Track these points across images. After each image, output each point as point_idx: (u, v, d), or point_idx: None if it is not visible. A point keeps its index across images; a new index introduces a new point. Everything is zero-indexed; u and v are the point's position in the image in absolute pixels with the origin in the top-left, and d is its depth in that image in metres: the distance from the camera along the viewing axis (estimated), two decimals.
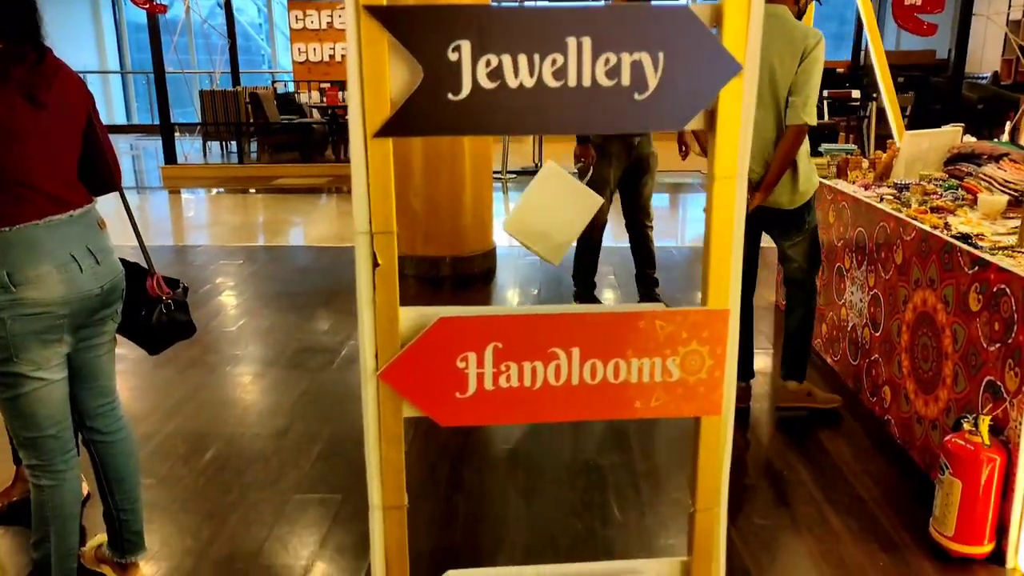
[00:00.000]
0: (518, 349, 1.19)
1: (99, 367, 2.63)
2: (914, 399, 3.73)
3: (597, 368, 1.19)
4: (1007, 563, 3.03)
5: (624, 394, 1.20)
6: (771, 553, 3.12)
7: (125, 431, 2.76)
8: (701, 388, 1.20)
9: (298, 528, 3.26)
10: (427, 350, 1.17)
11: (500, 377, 1.18)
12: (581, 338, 1.18)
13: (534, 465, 3.80)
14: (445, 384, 1.17)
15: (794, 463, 3.80)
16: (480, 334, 1.17)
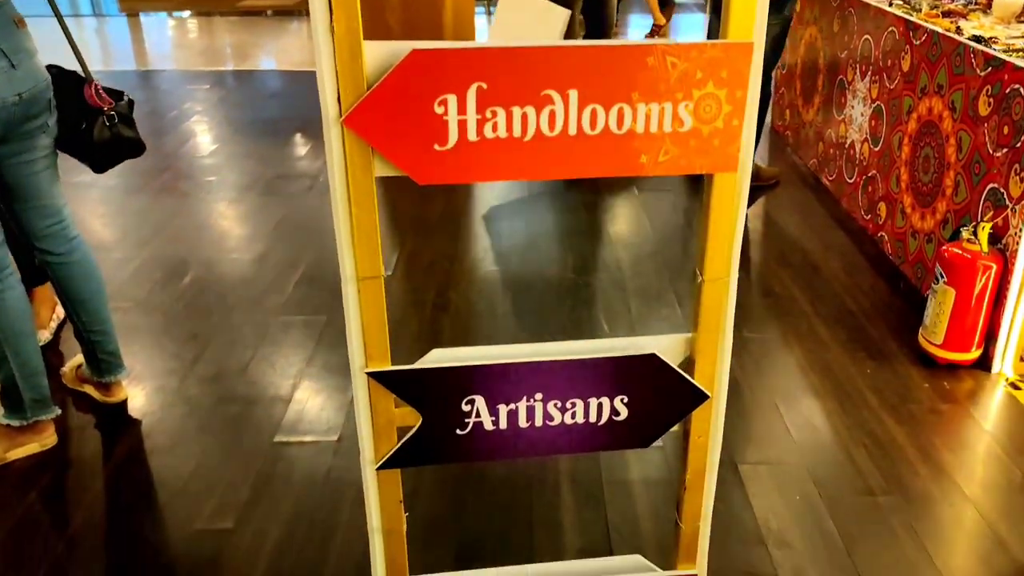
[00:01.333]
0: (506, 90, 1.02)
1: (37, 185, 2.44)
2: (910, 213, 3.62)
3: (598, 115, 1.03)
4: (992, 368, 3.02)
5: (629, 146, 1.04)
6: (759, 364, 3.10)
7: (79, 253, 2.60)
8: (716, 140, 1.04)
9: (283, 348, 3.19)
10: (399, 90, 1.00)
11: (485, 125, 1.02)
12: (580, 78, 1.01)
13: (521, 283, 3.71)
14: (421, 133, 1.00)
15: (784, 279, 3.73)
16: (461, 71, 0.99)
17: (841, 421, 2.79)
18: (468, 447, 1.04)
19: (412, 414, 1.02)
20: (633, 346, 1.05)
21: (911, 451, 2.65)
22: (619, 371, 1.04)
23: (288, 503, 2.42)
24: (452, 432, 1.03)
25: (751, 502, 2.43)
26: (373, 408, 0.99)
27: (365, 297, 0.91)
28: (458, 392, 1.02)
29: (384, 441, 1.03)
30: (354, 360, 0.97)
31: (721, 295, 1.00)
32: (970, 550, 2.26)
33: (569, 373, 1.04)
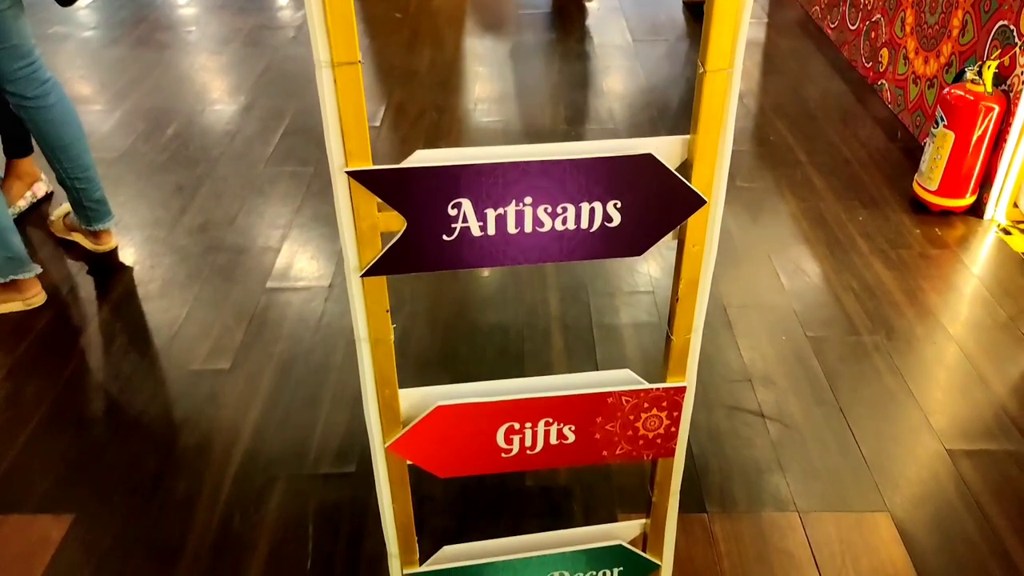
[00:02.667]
0: None
1: (3, 25, 2.29)
2: (913, 58, 3.49)
3: None
4: (985, 215, 2.99)
5: None
6: (751, 213, 3.06)
7: (54, 96, 2.48)
8: None
9: (271, 199, 3.13)
10: None
11: None
12: None
13: (512, 134, 3.61)
14: None
15: (780, 127, 3.63)
16: None
17: (831, 267, 2.78)
18: (455, 253, 1.00)
19: (396, 219, 0.97)
20: (628, 147, 0.99)
21: (898, 294, 2.65)
22: (613, 173, 0.98)
23: (282, 346, 2.42)
24: (438, 238, 0.99)
25: (737, 342, 2.45)
26: (355, 212, 0.94)
27: (342, 85, 0.84)
28: (444, 195, 0.96)
29: (368, 247, 0.99)
30: (333, 158, 0.91)
31: (723, 88, 0.94)
32: (950, 385, 2.30)
33: (560, 175, 0.98)
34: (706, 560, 1.80)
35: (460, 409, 1.17)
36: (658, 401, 1.21)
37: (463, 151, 0.99)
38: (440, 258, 1.02)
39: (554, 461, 1.23)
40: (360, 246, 1.00)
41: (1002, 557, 1.80)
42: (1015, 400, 2.24)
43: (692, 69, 4.24)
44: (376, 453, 1.19)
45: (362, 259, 1.01)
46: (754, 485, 1.99)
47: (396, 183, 0.97)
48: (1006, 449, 2.08)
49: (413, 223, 0.99)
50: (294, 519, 1.89)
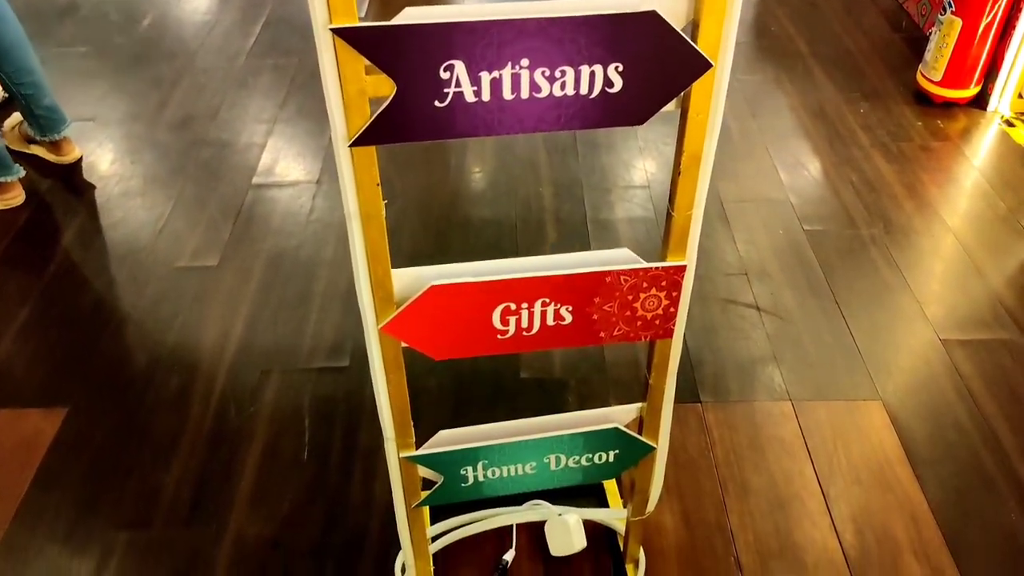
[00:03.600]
0: None
1: None
2: None
3: None
4: (988, 106, 2.93)
5: None
6: (751, 107, 2.99)
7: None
8: None
9: (254, 93, 3.03)
10: None
11: None
12: None
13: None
14: None
15: (781, 18, 3.51)
16: None
17: (830, 160, 2.73)
18: (448, 121, 0.95)
19: (386, 83, 0.92)
20: (630, 4, 0.93)
21: (898, 187, 2.61)
22: (614, 33, 0.92)
23: (271, 242, 2.38)
24: (430, 104, 0.94)
25: (734, 236, 2.42)
26: (341, 75, 0.88)
27: None
28: (436, 56, 0.91)
29: (356, 114, 0.94)
30: (316, 15, 0.85)
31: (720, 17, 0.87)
32: (947, 277, 2.29)
33: (559, 35, 0.92)
34: (699, 447, 1.82)
35: (455, 289, 1.14)
36: (657, 280, 1.18)
37: (456, 8, 0.92)
38: (432, 126, 0.97)
39: (550, 342, 1.21)
40: (348, 113, 0.95)
41: (993, 444, 1.83)
42: (1011, 291, 2.24)
43: None
44: (370, 334, 1.17)
45: (350, 127, 0.96)
46: (748, 376, 1.99)
47: (385, 42, 0.91)
48: (1000, 338, 2.09)
49: (403, 87, 0.94)
50: (289, 412, 1.89)
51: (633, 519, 1.49)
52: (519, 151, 2.77)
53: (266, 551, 1.62)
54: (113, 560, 1.61)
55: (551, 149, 2.78)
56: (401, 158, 2.71)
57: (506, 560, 1.59)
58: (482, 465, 1.35)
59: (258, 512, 1.69)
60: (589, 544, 1.60)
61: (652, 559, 1.60)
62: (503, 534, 1.65)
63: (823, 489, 1.74)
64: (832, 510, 1.70)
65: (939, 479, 1.75)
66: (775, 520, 1.68)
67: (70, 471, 1.77)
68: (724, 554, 1.62)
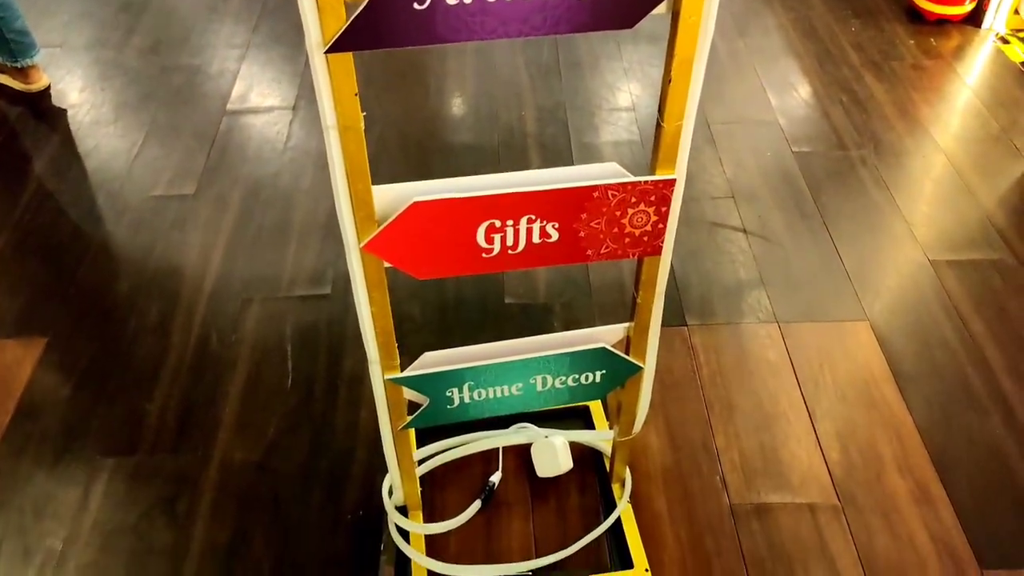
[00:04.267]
0: None
1: None
2: None
3: None
4: (983, 23, 2.88)
5: None
6: (738, 25, 2.93)
7: None
8: None
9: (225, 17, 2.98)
10: None
11: None
12: None
13: None
14: None
15: None
16: None
17: (820, 80, 2.69)
18: (428, 25, 0.91)
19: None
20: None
21: (888, 107, 2.58)
22: None
23: (248, 169, 2.34)
24: (409, 5, 0.89)
25: (721, 158, 2.39)
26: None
27: None
28: None
29: (331, 18, 0.89)
30: None
31: None
32: (937, 197, 2.28)
33: None
34: (685, 369, 1.83)
35: (438, 205, 1.11)
36: (646, 195, 1.16)
37: None
38: (412, 30, 0.94)
39: (537, 261, 1.20)
40: (323, 17, 0.91)
41: (980, 362, 1.84)
42: (1002, 211, 2.23)
43: None
44: (351, 254, 1.14)
45: (326, 32, 0.92)
46: (735, 299, 1.99)
47: None
48: (990, 258, 2.09)
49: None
50: (272, 340, 1.88)
51: (619, 440, 1.50)
52: (500, 73, 2.71)
53: (253, 474, 1.63)
54: (100, 485, 1.61)
55: (533, 71, 2.72)
56: (379, 81, 2.64)
57: (493, 482, 1.60)
58: (468, 387, 1.35)
59: (243, 438, 1.69)
60: (575, 465, 1.62)
61: (638, 479, 1.62)
62: (490, 457, 1.66)
63: (808, 408, 1.75)
64: (817, 428, 1.72)
65: (925, 397, 1.77)
66: (760, 439, 1.70)
67: (53, 400, 1.76)
68: (710, 473, 1.64)
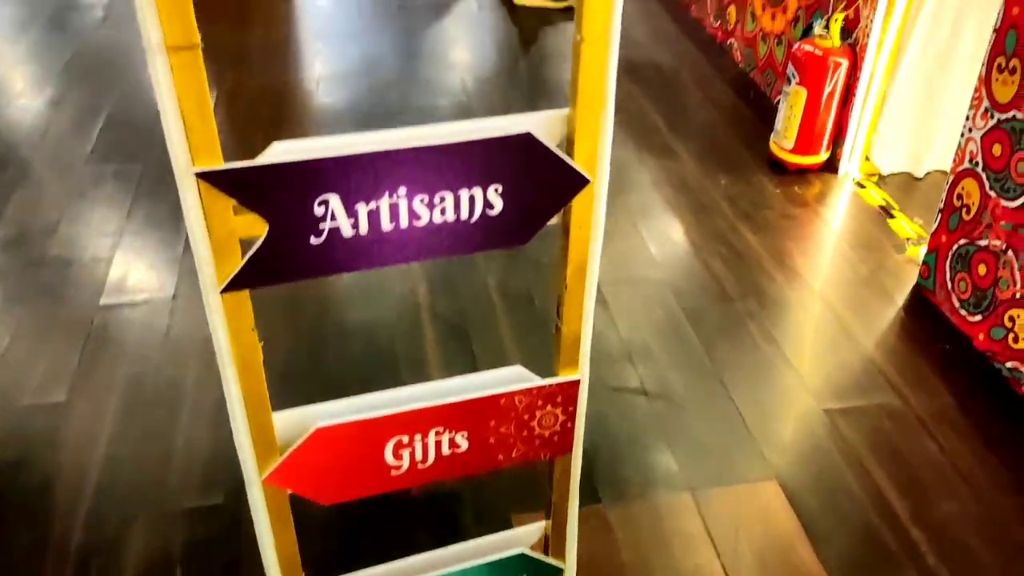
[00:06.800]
0: None
1: None
2: (760, 15, 3.64)
3: None
4: (840, 170, 3.17)
5: None
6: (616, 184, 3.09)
7: None
8: None
9: (97, 203, 2.91)
10: None
11: None
12: None
13: (358, 115, 3.51)
14: None
15: (636, 94, 3.72)
16: None
17: (699, 234, 2.88)
18: (325, 258, 0.94)
19: (256, 222, 0.90)
20: (505, 126, 0.96)
21: (765, 257, 2.77)
22: (491, 156, 0.95)
23: (126, 368, 2.26)
24: (305, 241, 0.92)
25: (615, 320, 2.49)
26: (208, 218, 0.86)
27: (180, 73, 0.76)
28: (309, 191, 0.90)
29: (226, 259, 0.91)
30: (177, 158, 0.83)
31: (602, 57, 0.92)
32: (821, 344, 2.43)
33: (436, 161, 0.94)
34: (606, 551, 1.83)
35: (343, 429, 1.11)
36: (552, 397, 1.20)
37: (328, 141, 0.92)
38: (309, 264, 0.96)
39: (448, 472, 1.20)
40: (217, 258, 0.92)
41: (886, 513, 1.93)
42: (882, 353, 2.40)
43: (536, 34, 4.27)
44: (252, 487, 1.11)
45: (220, 273, 0.93)
46: (644, 467, 2.03)
47: (254, 182, 0.90)
48: (877, 403, 2.23)
49: (276, 226, 0.92)
50: (159, 563, 1.77)
51: None
52: None
53: None
54: None
55: None
56: None
57: None
58: None
59: None
60: None
61: None
62: None
63: None
64: None
65: (839, 554, 1.83)
66: None
67: None
68: None
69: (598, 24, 0.91)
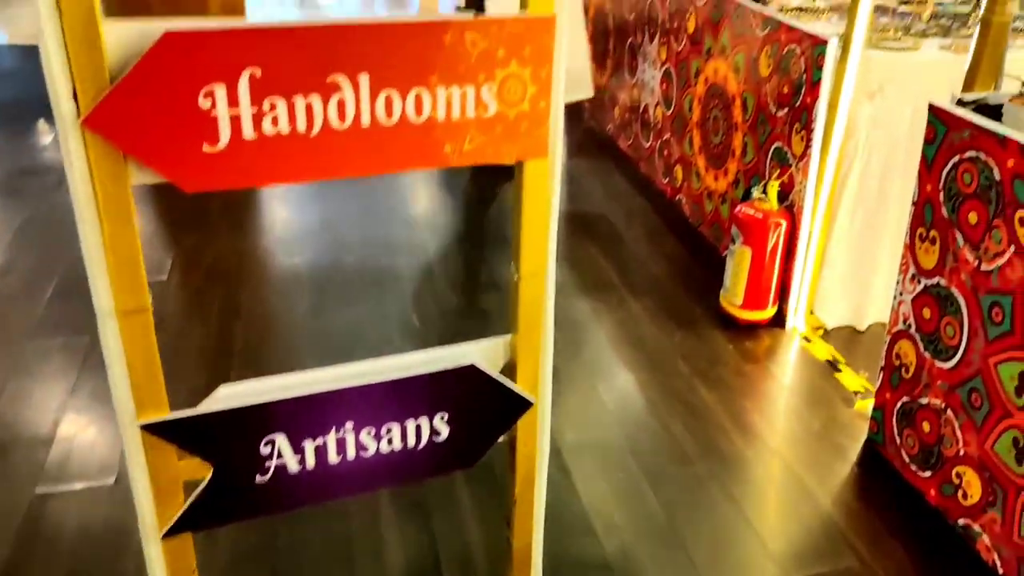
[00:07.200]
0: (286, 77, 0.90)
1: None
2: (705, 175, 3.82)
3: (393, 101, 0.94)
4: (787, 324, 3.26)
5: (430, 136, 0.96)
6: (574, 343, 3.16)
7: None
8: (523, 124, 0.99)
9: (40, 378, 2.87)
10: (152, 81, 0.86)
11: (263, 119, 0.90)
12: (371, 59, 0.91)
13: (320, 276, 3.55)
14: (185, 132, 0.87)
15: (591, 250, 3.83)
16: (229, 57, 0.87)
17: (656, 393, 2.91)
18: (271, 496, 0.94)
19: (201, 465, 0.89)
20: (449, 357, 0.98)
21: (723, 416, 2.80)
22: (437, 387, 0.97)
23: (60, 563, 2.16)
24: (250, 480, 0.92)
25: (576, 488, 2.48)
26: (151, 466, 0.86)
27: (129, 335, 0.78)
28: (254, 433, 0.91)
29: (168, 503, 0.90)
30: (122, 411, 0.83)
31: (539, 291, 0.96)
32: (782, 506, 2.43)
33: (382, 395, 0.96)
34: None
35: None
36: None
37: (273, 382, 0.94)
38: (254, 503, 0.95)
39: None
40: (159, 503, 0.91)
41: None
42: (840, 512, 2.40)
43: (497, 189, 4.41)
44: None
45: (161, 517, 0.92)
46: None
47: (199, 430, 0.90)
48: (839, 567, 2.21)
49: (221, 469, 0.92)
50: None
51: None
52: None
53: None
54: None
55: None
56: None
57: None
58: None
59: None
60: None
61: None
62: None
63: None
64: None
65: None
66: None
67: None
68: None
69: (534, 263, 0.96)
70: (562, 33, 0.94)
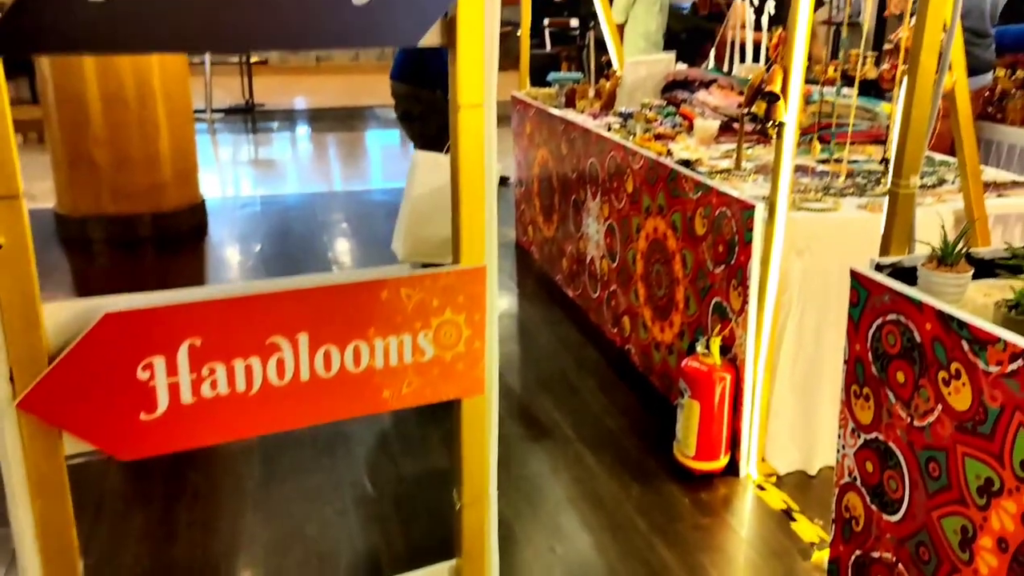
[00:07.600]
0: (224, 344, 0.93)
1: None
2: (651, 326, 3.91)
3: (332, 356, 0.97)
4: (740, 473, 3.28)
5: (369, 384, 0.99)
6: (530, 502, 3.14)
7: None
8: (460, 365, 1.02)
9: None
10: (90, 360, 0.87)
11: (202, 384, 0.92)
12: (309, 320, 0.94)
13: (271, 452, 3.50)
14: (123, 404, 0.88)
15: (546, 404, 3.85)
16: (168, 330, 0.89)
17: (616, 554, 2.88)
18: None
19: None
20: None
21: (682, 574, 2.76)
22: None
23: None
24: None
25: None
26: None
27: None
28: None
29: None
30: None
31: (482, 517, 0.97)
32: None
33: None
34: None
35: None
36: None
37: None
38: None
39: None
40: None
41: None
42: None
43: None
44: None
45: None
46: None
47: None
48: None
49: None
50: None
51: None
52: None
53: None
54: None
55: None
56: None
57: None
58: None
59: None
60: None
61: None
62: None
63: None
64: None
65: None
66: None
67: None
68: None
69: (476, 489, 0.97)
70: (493, 282, 0.99)
